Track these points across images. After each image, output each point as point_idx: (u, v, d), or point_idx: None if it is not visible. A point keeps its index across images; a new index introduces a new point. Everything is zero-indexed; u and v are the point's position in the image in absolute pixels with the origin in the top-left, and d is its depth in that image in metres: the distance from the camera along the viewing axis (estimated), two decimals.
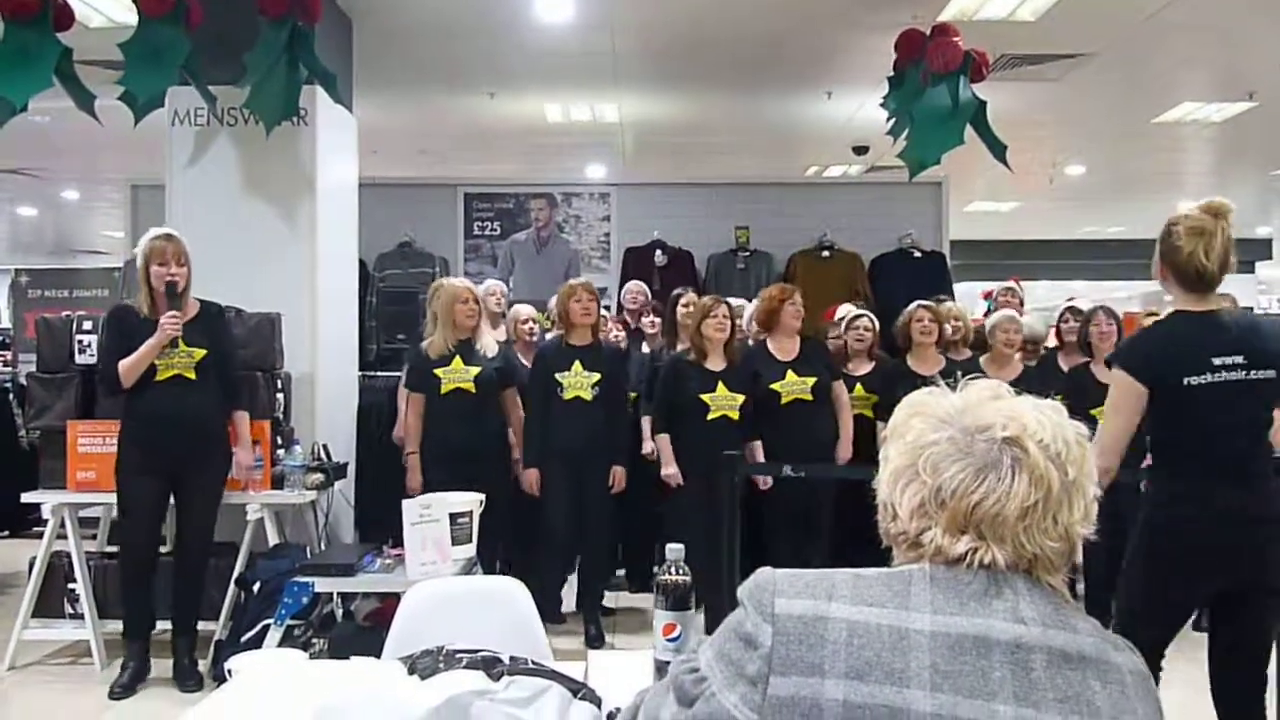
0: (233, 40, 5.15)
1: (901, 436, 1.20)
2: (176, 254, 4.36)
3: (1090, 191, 13.23)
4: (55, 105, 5.09)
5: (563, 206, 8.32)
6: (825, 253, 7.78)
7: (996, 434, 1.12)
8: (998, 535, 1.11)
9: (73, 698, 4.39)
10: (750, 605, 1.15)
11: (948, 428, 1.15)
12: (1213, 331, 2.77)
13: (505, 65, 7.57)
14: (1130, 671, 1.11)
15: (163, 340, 4.27)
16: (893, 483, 1.18)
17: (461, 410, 4.90)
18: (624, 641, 5.15)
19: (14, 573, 6.06)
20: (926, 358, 5.33)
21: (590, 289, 5.21)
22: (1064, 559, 1.14)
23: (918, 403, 1.21)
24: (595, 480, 5.06)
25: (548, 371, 5.07)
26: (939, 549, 1.12)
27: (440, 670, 1.72)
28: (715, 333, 5.00)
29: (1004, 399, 1.18)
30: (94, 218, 15.33)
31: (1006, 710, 1.04)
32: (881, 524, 1.21)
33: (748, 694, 1.09)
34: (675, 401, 5.05)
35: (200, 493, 4.49)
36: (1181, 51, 7.43)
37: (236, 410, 4.60)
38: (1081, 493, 1.14)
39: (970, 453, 1.13)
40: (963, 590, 1.10)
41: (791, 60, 7.48)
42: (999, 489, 1.11)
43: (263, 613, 4.32)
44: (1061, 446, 1.13)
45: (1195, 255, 2.74)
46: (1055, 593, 1.13)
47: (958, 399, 1.19)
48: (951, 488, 1.12)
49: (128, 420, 4.41)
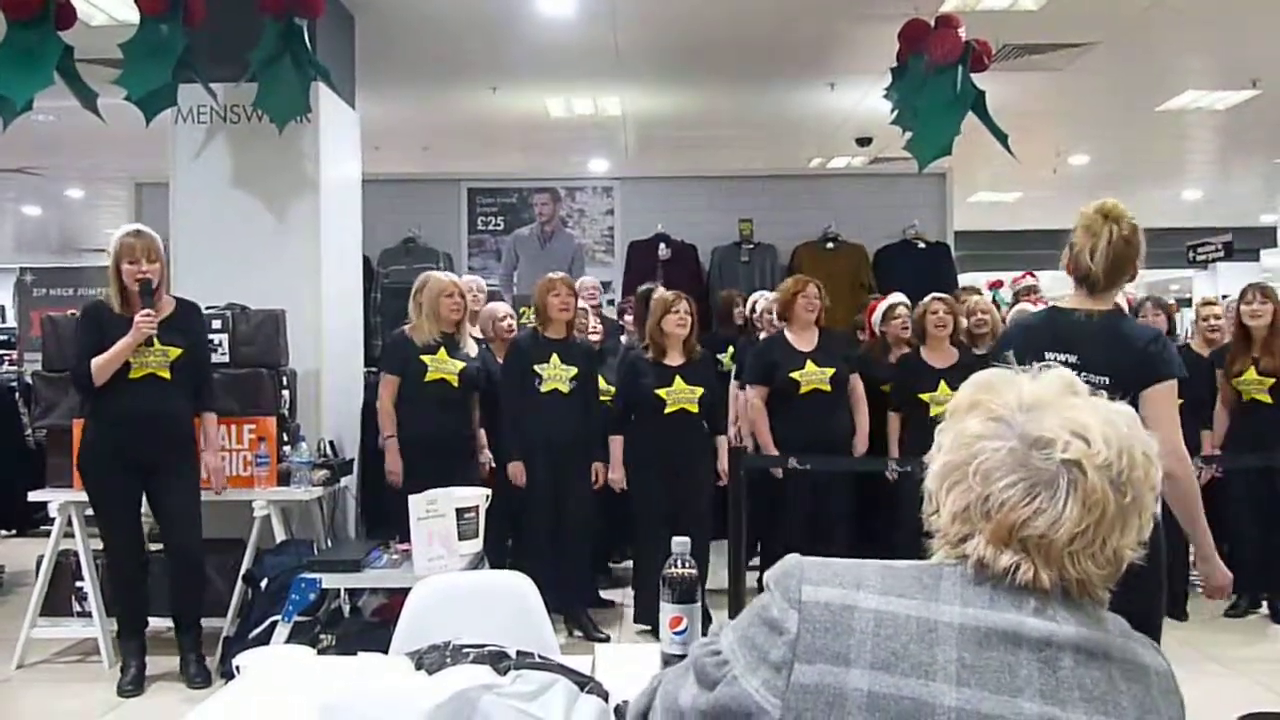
0: (237, 38, 5.15)
1: (959, 424, 1.15)
2: (147, 250, 4.25)
3: (1094, 181, 13.17)
4: (59, 104, 5.10)
5: (566, 201, 8.32)
6: (830, 244, 7.78)
7: (1056, 454, 1.07)
8: (1044, 556, 1.08)
9: (82, 695, 4.40)
10: (777, 591, 1.13)
11: (1008, 433, 1.10)
12: (1063, 328, 2.78)
13: (507, 59, 7.56)
14: (1156, 672, 1.10)
15: (137, 340, 4.19)
16: (941, 477, 1.14)
17: (442, 401, 4.89)
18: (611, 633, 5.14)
19: (22, 571, 6.08)
20: (941, 350, 5.33)
21: (570, 284, 5.20)
22: (1108, 582, 1.10)
23: (983, 385, 1.16)
24: (575, 472, 5.06)
25: (524, 362, 5.05)
26: (981, 560, 1.09)
27: (447, 665, 1.72)
28: (676, 328, 5.01)
29: (1077, 397, 1.13)
30: (98, 216, 15.35)
31: (1031, 707, 1.03)
32: (926, 510, 1.18)
33: (771, 679, 1.08)
34: (632, 398, 5.07)
35: (176, 493, 4.39)
36: (1184, 40, 7.41)
37: (206, 412, 4.50)
38: (1139, 514, 1.10)
39: (1025, 465, 1.08)
40: (994, 586, 1.09)
41: (794, 52, 7.46)
42: (1050, 511, 1.07)
43: (270, 609, 4.32)
44: (1124, 465, 1.08)
45: (1081, 253, 2.75)
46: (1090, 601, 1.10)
47: (1026, 392, 1.13)
48: (1000, 500, 1.08)
49: (96, 418, 4.31)
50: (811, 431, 5.02)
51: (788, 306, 5.26)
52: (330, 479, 4.97)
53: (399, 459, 4.87)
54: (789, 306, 5.25)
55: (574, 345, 5.16)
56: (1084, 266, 2.76)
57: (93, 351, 4.22)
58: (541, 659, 1.77)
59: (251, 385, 4.93)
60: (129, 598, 4.46)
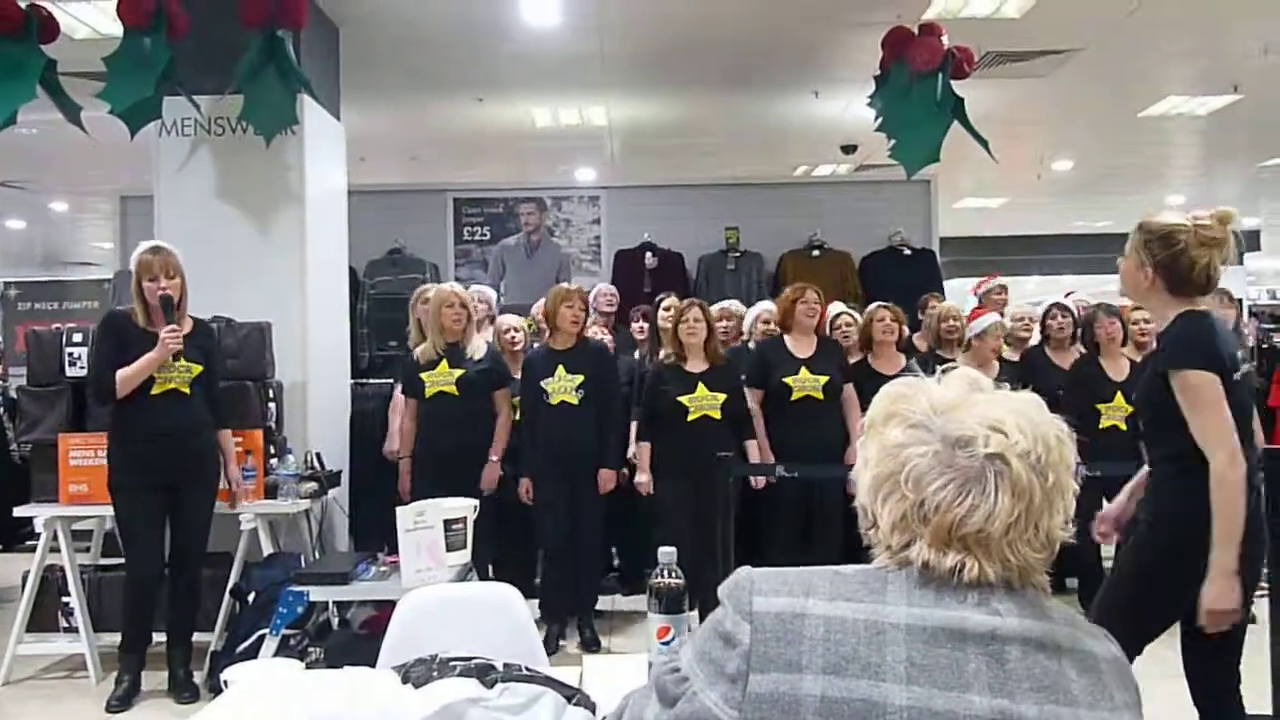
0: (220, 50, 5.15)
1: (879, 435, 1.18)
2: (165, 267, 4.29)
3: (1078, 186, 13.27)
4: (43, 117, 5.08)
5: (552, 210, 8.33)
6: (815, 252, 7.81)
7: (979, 449, 1.11)
8: (984, 550, 1.11)
9: (69, 711, 4.37)
10: (729, 604, 1.15)
11: (930, 438, 1.13)
12: (1224, 330, 2.76)
13: (493, 70, 7.57)
14: (1106, 659, 1.12)
15: (164, 355, 4.23)
16: (873, 491, 1.17)
17: (445, 414, 4.92)
18: (620, 645, 5.14)
19: (8, 587, 6.04)
20: (888, 357, 5.42)
21: (584, 297, 5.24)
22: (1046, 564, 1.14)
23: (894, 396, 1.19)
24: (585, 485, 5.07)
25: (535, 380, 5.09)
26: (926, 563, 1.12)
27: (434, 678, 1.71)
28: (687, 336, 5.03)
29: (983, 394, 1.17)
30: (83, 229, 15.30)
31: (981, 701, 1.04)
32: (861, 526, 1.21)
33: (728, 692, 1.10)
34: (656, 406, 5.07)
35: (196, 508, 4.45)
36: (1166, 45, 7.45)
37: (223, 429, 4.57)
38: (1062, 495, 1.13)
39: (952, 466, 1.12)
40: (939, 586, 1.11)
41: (778, 60, 7.49)
42: (983, 506, 1.10)
43: (258, 623, 4.31)
44: (1042, 451, 1.11)
45: (1210, 265, 2.69)
46: (1033, 588, 1.13)
47: (936, 395, 1.17)
48: (934, 503, 1.12)
49: (120, 434, 4.33)
50: (802, 437, 5.04)
51: (788, 314, 5.28)
52: (318, 491, 4.96)
53: (408, 479, 4.99)
54: (789, 314, 5.27)
55: (582, 351, 5.15)
56: (1210, 275, 2.70)
57: (114, 362, 4.24)
58: (529, 671, 1.77)
59: (238, 398, 4.90)
60: (142, 614, 4.43)
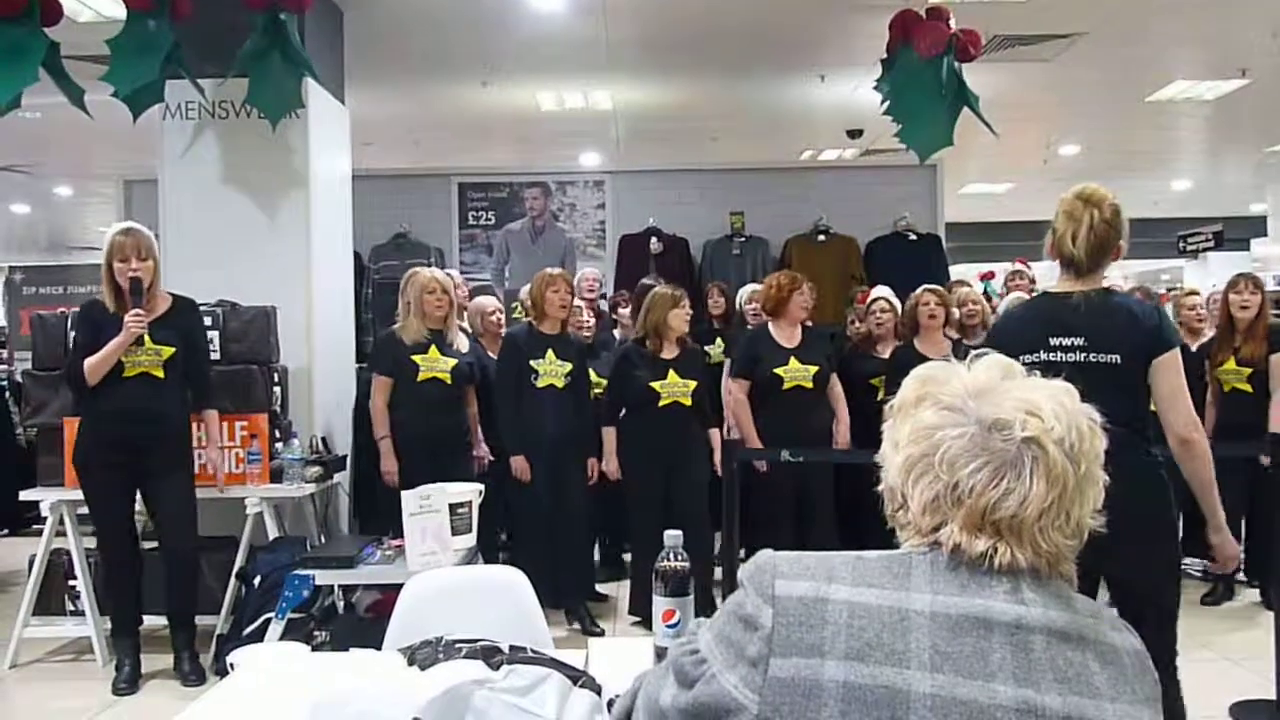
0: (224, 33, 5.14)
1: (911, 417, 1.17)
2: (138, 248, 4.22)
3: (1085, 171, 13.19)
4: (46, 101, 5.07)
5: (557, 195, 8.30)
6: (821, 237, 7.78)
7: (1016, 433, 1.10)
8: (1016, 536, 1.10)
9: (76, 694, 4.39)
10: (751, 587, 1.14)
11: (965, 420, 1.12)
12: (1061, 312, 2.78)
13: (498, 53, 7.55)
14: (1128, 651, 1.11)
15: (127, 340, 4.18)
16: (905, 472, 1.15)
17: (436, 400, 4.91)
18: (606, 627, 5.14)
19: (14, 570, 6.07)
20: (934, 341, 5.32)
21: (569, 281, 5.21)
22: (1075, 552, 1.13)
23: (925, 379, 1.18)
24: (571, 467, 5.07)
25: (520, 357, 5.05)
26: (957, 546, 1.11)
27: (440, 660, 1.72)
28: (681, 324, 5.03)
29: (1016, 380, 1.16)
30: (87, 213, 15.30)
31: (1006, 690, 1.04)
32: (888, 508, 1.20)
33: (748, 675, 1.09)
34: (626, 391, 5.07)
35: (171, 492, 4.40)
36: (1173, 30, 7.41)
37: (206, 409, 4.52)
38: (1093, 484, 1.13)
39: (987, 449, 1.11)
40: (964, 571, 1.10)
41: (784, 44, 7.46)
42: (1018, 490, 1.09)
43: (264, 606, 4.33)
44: (1076, 439, 1.11)
45: (1064, 238, 2.78)
46: (1059, 577, 1.13)
47: (969, 379, 1.16)
48: (969, 485, 1.10)
49: (89, 417, 4.31)
50: (794, 426, 5.00)
51: (781, 304, 5.22)
52: (323, 475, 4.97)
53: (394, 459, 4.89)
54: (783, 303, 5.21)
55: (568, 341, 5.16)
56: (1067, 252, 2.78)
57: (88, 351, 4.22)
58: (534, 654, 1.77)
59: (243, 382, 4.92)
60: (122, 596, 4.45)
